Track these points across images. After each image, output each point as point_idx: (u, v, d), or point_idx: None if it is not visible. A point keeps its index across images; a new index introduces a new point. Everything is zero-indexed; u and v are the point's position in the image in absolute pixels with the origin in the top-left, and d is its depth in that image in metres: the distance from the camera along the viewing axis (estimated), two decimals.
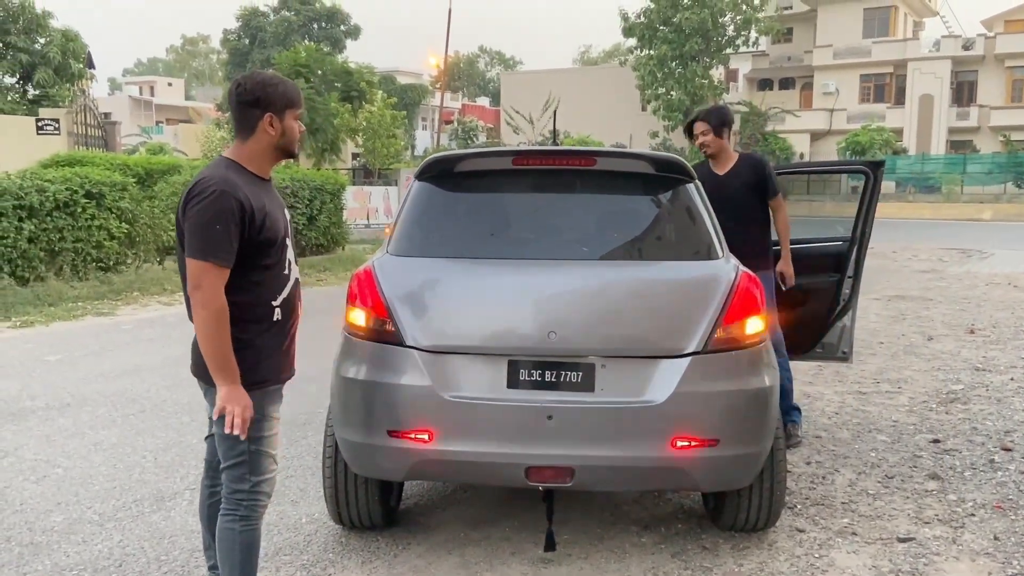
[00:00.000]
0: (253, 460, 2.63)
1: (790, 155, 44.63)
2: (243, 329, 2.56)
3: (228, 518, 2.66)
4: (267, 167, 2.70)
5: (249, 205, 2.51)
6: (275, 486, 2.76)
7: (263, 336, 2.61)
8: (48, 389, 6.29)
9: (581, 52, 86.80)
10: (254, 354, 2.59)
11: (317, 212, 15.18)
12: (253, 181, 2.62)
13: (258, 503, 2.68)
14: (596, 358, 3.14)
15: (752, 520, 3.60)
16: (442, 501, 4.13)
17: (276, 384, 2.71)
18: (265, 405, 2.64)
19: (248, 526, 2.67)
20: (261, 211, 2.55)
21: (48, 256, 10.41)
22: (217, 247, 2.45)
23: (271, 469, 2.70)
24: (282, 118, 2.61)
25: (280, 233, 2.65)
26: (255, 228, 2.53)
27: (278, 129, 2.62)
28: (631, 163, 3.68)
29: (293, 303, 2.73)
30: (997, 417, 5.63)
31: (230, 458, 2.63)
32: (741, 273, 3.33)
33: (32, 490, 4.27)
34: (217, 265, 2.45)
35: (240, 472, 2.63)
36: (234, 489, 2.65)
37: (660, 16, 44.44)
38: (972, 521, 3.90)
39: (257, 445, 2.63)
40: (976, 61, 43.37)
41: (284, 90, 2.62)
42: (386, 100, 30.72)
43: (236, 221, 2.47)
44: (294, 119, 2.65)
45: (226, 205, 2.46)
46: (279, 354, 2.69)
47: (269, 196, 2.67)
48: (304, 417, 5.39)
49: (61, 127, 18.55)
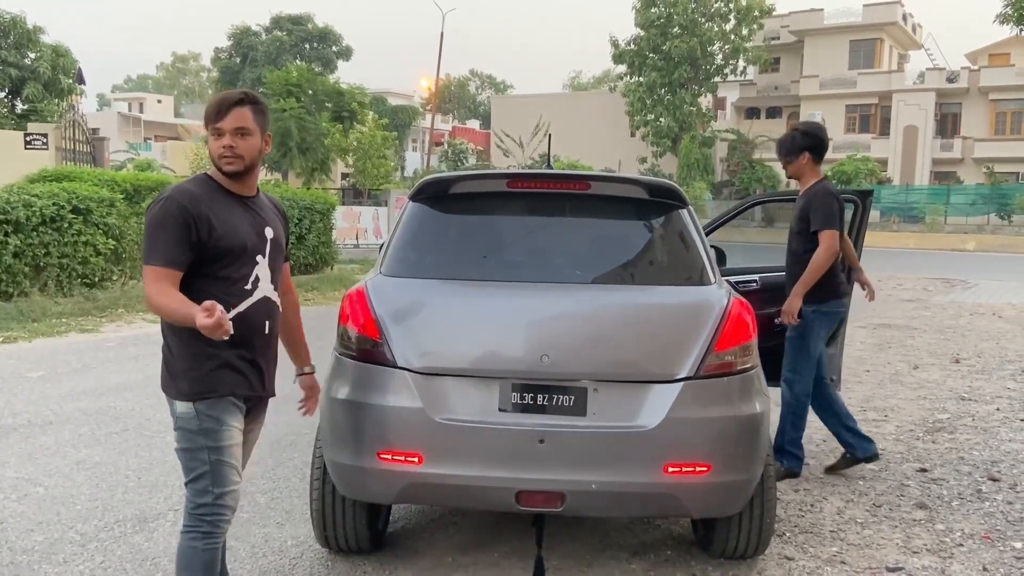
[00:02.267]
0: (215, 471, 2.59)
1: (776, 183, 45.02)
2: (189, 339, 2.54)
3: (191, 535, 2.61)
4: (231, 183, 2.67)
5: (198, 212, 2.52)
6: (239, 500, 2.70)
7: (209, 347, 2.55)
8: (30, 406, 6.20)
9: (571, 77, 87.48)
10: (200, 364, 2.58)
11: (306, 231, 15.15)
12: (222, 194, 2.64)
13: (222, 518, 2.62)
14: (588, 382, 3.13)
15: (742, 547, 3.58)
16: (430, 525, 4.09)
17: (230, 396, 2.64)
18: (221, 414, 2.60)
19: (210, 544, 2.61)
20: (219, 221, 2.56)
21: (33, 271, 10.32)
22: (155, 250, 2.50)
23: (234, 480, 2.65)
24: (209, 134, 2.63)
25: (240, 246, 2.62)
26: (204, 235, 2.53)
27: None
28: (625, 188, 3.69)
29: (254, 322, 2.67)
30: (984, 447, 5.65)
31: (191, 470, 2.60)
32: (733, 299, 3.34)
33: (13, 509, 4.20)
34: (155, 267, 2.50)
35: (202, 485, 2.59)
36: (197, 504, 2.60)
37: (650, 44, 45.05)
38: (961, 551, 3.90)
39: (218, 455, 2.59)
40: (960, 93, 44.02)
41: (205, 107, 2.64)
42: (377, 121, 30.83)
43: (178, 225, 2.49)
44: (211, 134, 2.61)
45: (168, 209, 2.51)
46: (231, 368, 2.62)
47: (242, 211, 2.67)
48: (291, 438, 5.34)
49: (49, 142, 18.45)
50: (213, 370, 2.59)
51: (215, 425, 2.59)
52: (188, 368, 2.59)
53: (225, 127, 2.58)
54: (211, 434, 2.58)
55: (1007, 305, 13.82)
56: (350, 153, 29.34)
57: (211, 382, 2.59)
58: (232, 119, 2.58)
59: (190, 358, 2.58)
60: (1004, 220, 37.80)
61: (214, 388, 2.59)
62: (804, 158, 4.78)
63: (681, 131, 45.17)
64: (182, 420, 2.61)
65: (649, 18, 44.66)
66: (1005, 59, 44.18)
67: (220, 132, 2.58)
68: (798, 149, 4.78)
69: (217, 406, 2.60)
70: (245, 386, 2.68)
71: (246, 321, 2.63)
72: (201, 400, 2.58)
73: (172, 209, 2.51)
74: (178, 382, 2.61)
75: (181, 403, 2.60)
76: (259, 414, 2.89)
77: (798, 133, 4.85)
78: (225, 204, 2.63)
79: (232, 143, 2.58)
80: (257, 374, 2.72)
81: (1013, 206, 37.38)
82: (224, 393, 2.61)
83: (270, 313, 2.74)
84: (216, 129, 2.58)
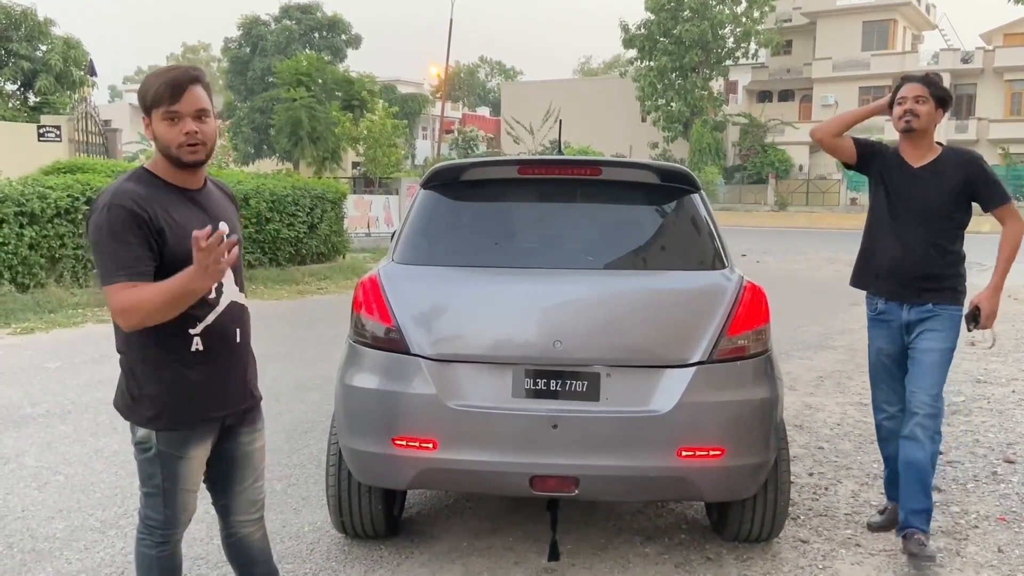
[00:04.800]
0: (168, 496, 2.42)
1: (789, 167, 44.79)
2: (155, 362, 2.31)
3: (144, 543, 2.48)
4: (180, 175, 2.33)
5: (151, 214, 2.22)
6: (193, 515, 2.52)
7: (179, 370, 2.32)
8: (49, 396, 6.27)
9: (581, 63, 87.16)
10: (168, 390, 2.32)
11: (318, 220, 15.19)
12: (167, 190, 2.31)
13: (173, 531, 2.48)
14: (601, 367, 3.14)
15: (756, 531, 3.59)
16: (445, 510, 4.12)
17: (202, 422, 2.41)
18: (183, 446, 2.38)
19: (164, 551, 2.49)
20: (170, 224, 2.25)
21: (49, 263, 10.41)
22: (116, 264, 2.18)
23: (189, 502, 2.47)
24: (151, 120, 2.28)
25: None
26: (158, 242, 2.23)
27: (151, 133, 2.29)
28: (636, 173, 3.69)
29: (224, 333, 2.40)
30: (999, 429, 5.63)
31: (146, 486, 2.43)
32: (746, 283, 3.33)
33: (34, 497, 4.26)
34: (121, 283, 2.17)
35: (154, 502, 2.44)
36: (148, 515, 2.46)
37: (660, 28, 44.75)
38: (976, 533, 3.90)
39: (172, 484, 2.40)
40: (975, 74, 43.57)
41: (144, 89, 2.27)
42: (387, 109, 30.79)
43: (128, 230, 2.18)
44: (162, 119, 2.25)
45: (118, 216, 2.18)
46: (205, 389, 2.37)
47: (192, 207, 2.35)
48: (307, 425, 5.38)
49: (62, 134, 18.55)
50: (184, 397, 2.34)
51: (175, 457, 2.38)
52: (155, 394, 2.32)
53: (183, 110, 2.24)
54: (168, 465, 2.38)
55: (1022, 287, 13.71)
56: (360, 142, 29.33)
57: (180, 412, 2.35)
58: (190, 100, 2.24)
59: (157, 383, 2.32)
60: (1020, 201, 37.45)
61: (184, 418, 2.36)
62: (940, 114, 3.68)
63: (692, 116, 44.95)
64: (141, 443, 2.39)
65: (659, 2, 44.36)
66: (1020, 39, 43.63)
67: (177, 116, 2.24)
68: (948, 105, 3.69)
69: (181, 437, 2.37)
70: (221, 405, 2.44)
71: (215, 334, 2.37)
72: (165, 431, 2.35)
73: (118, 215, 2.18)
74: (142, 408, 2.35)
75: (142, 429, 2.37)
76: (252, 424, 2.59)
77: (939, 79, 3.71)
78: (173, 202, 2.29)
79: (196, 128, 2.26)
80: (234, 388, 2.47)
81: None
82: (193, 423, 2.38)
83: (240, 319, 2.47)
84: (171, 113, 2.23)
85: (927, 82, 3.63)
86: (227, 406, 2.46)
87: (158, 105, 2.25)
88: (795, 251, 21.67)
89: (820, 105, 46.18)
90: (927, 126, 3.62)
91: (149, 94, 2.25)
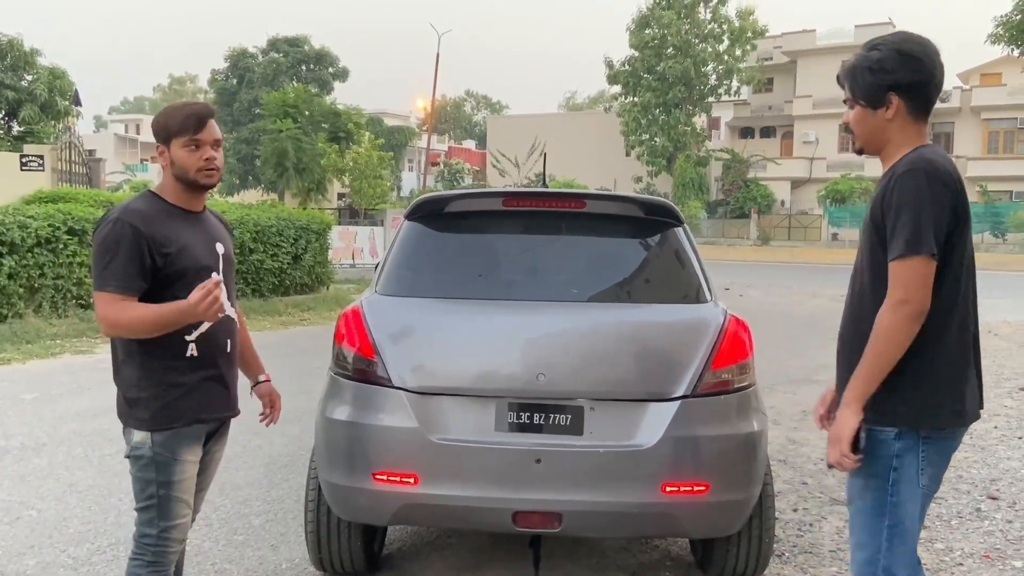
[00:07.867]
0: (163, 505, 2.53)
1: (771, 201, 45.26)
2: (152, 365, 2.51)
3: (136, 563, 2.55)
4: (187, 198, 2.62)
5: (151, 233, 2.46)
6: (187, 532, 2.63)
7: (174, 373, 2.52)
8: (23, 428, 6.16)
9: (567, 98, 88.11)
10: (164, 392, 2.52)
11: (302, 251, 15.13)
12: (172, 212, 2.58)
13: (167, 549, 2.56)
14: (585, 401, 3.11)
15: (740, 568, 3.55)
16: (426, 547, 4.05)
17: (192, 424, 2.58)
18: (177, 448, 2.54)
19: (157, 571, 2.55)
20: (171, 242, 2.50)
21: (28, 292, 10.28)
22: (108, 275, 2.42)
23: (183, 514, 2.58)
24: (169, 147, 2.56)
25: (195, 265, 2.55)
26: (158, 258, 2.47)
27: (167, 159, 2.56)
28: (621, 206, 3.70)
29: (217, 340, 2.62)
30: (982, 465, 5.63)
31: (140, 500, 2.54)
32: (730, 317, 3.33)
33: (4, 532, 4.15)
34: (109, 293, 2.41)
35: (149, 516, 2.53)
36: (143, 533, 2.55)
37: (644, 64, 45.39)
38: (960, 571, 3.87)
39: (167, 490, 2.53)
40: (952, 113, 44.34)
41: (166, 120, 2.57)
42: (373, 141, 30.93)
43: (130, 246, 2.42)
44: (184, 147, 2.54)
45: (120, 232, 2.43)
46: (198, 392, 2.57)
47: (194, 228, 2.61)
48: (286, 459, 5.30)
49: (45, 163, 18.46)
50: (178, 398, 2.52)
51: (169, 460, 2.52)
52: (152, 396, 2.51)
53: (204, 139, 2.55)
54: (163, 468, 2.52)
55: (1003, 322, 13.83)
56: (346, 173, 29.42)
57: (175, 412, 2.52)
58: (210, 131, 2.57)
59: (154, 386, 2.51)
60: (998, 238, 37.97)
61: (178, 417, 2.53)
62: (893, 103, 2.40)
63: (676, 151, 45.43)
64: (136, 449, 2.54)
65: (643, 39, 45.04)
66: (996, 79, 44.52)
67: (199, 144, 2.54)
68: (883, 88, 2.41)
69: (175, 438, 2.53)
70: (210, 410, 2.62)
71: (208, 342, 2.58)
72: (160, 432, 2.51)
73: (124, 231, 2.43)
74: (138, 410, 2.53)
75: (139, 432, 2.53)
76: (222, 435, 2.80)
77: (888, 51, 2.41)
78: (176, 222, 2.57)
79: (214, 155, 2.57)
80: (222, 395, 2.66)
81: (1007, 224, 37.57)
82: (188, 422, 2.55)
83: (230, 331, 2.69)
84: (195, 141, 2.53)
85: (839, 82, 2.65)
86: (216, 411, 2.66)
87: (182, 134, 2.53)
88: (779, 285, 21.78)
89: (801, 141, 46.82)
90: (864, 133, 2.50)
91: (173, 124, 2.54)
